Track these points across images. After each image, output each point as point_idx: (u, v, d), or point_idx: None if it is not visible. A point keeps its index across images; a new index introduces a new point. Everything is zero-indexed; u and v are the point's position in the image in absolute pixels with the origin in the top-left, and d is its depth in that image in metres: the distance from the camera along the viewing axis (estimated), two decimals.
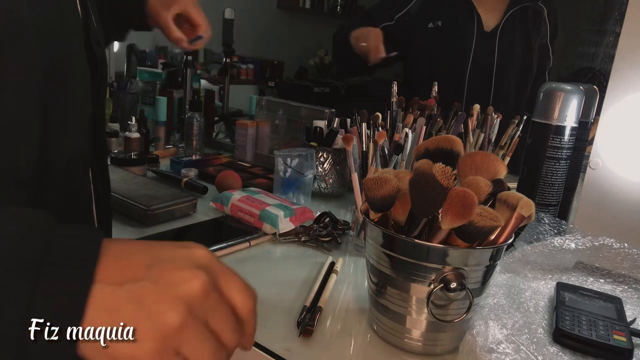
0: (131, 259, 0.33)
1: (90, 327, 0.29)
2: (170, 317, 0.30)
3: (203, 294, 0.32)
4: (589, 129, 0.83)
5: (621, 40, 0.74)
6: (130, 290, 0.31)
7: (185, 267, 0.33)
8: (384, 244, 0.52)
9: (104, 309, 0.30)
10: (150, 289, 0.31)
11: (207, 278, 0.33)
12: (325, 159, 1.02)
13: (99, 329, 0.30)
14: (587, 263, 0.73)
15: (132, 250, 0.34)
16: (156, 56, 3.03)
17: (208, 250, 0.35)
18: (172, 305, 0.31)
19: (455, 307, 0.50)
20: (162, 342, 0.30)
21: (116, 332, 0.30)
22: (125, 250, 0.33)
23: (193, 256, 0.34)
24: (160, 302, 0.31)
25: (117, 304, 0.30)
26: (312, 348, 0.53)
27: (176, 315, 0.30)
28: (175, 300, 0.31)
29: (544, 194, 0.79)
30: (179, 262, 0.33)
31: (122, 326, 0.30)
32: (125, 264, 0.32)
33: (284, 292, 0.65)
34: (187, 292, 0.31)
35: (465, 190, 0.46)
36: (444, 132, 0.89)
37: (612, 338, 0.54)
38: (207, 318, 0.32)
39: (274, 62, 4.04)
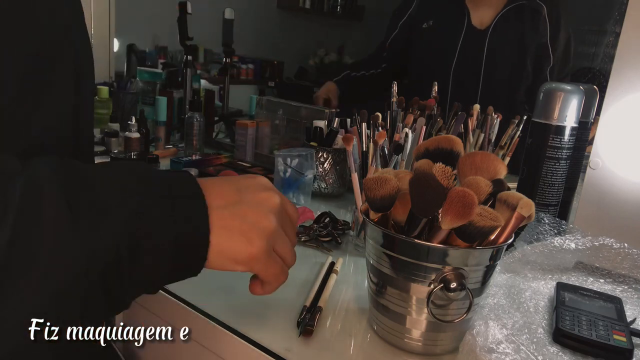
0: (222, 189, 0.42)
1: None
2: (268, 224, 0.42)
3: (280, 207, 0.44)
4: (589, 129, 0.83)
5: (621, 40, 0.74)
6: (233, 210, 0.41)
7: (263, 190, 0.44)
8: (384, 244, 0.52)
9: (219, 226, 0.39)
10: (246, 207, 0.41)
11: (278, 197, 0.44)
12: (325, 159, 1.02)
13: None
14: (587, 263, 0.73)
15: (220, 183, 0.43)
16: (156, 56, 3.03)
17: (267, 180, 0.46)
18: (266, 216, 0.42)
19: (455, 307, 0.50)
20: (267, 241, 0.41)
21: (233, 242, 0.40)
22: (214, 183, 0.42)
23: (263, 182, 0.45)
24: (257, 215, 0.42)
25: (227, 222, 0.40)
26: (312, 348, 0.53)
27: (270, 222, 0.42)
28: (267, 212, 0.42)
29: (544, 194, 0.79)
30: (257, 187, 0.44)
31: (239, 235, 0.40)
32: (219, 192, 0.41)
33: (284, 292, 0.65)
34: (272, 206, 0.43)
35: (465, 190, 0.46)
36: (444, 132, 0.89)
37: (612, 338, 0.54)
38: (283, 224, 0.44)
39: (274, 62, 4.04)
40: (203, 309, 0.59)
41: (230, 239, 0.40)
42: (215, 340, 0.57)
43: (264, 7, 4.02)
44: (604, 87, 0.77)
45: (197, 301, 0.60)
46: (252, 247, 0.41)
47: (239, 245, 0.40)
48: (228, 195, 0.41)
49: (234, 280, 0.66)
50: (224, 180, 0.43)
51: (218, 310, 0.59)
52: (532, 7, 1.48)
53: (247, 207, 0.41)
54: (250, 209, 0.41)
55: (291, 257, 0.46)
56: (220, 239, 0.39)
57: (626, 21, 0.74)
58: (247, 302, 0.61)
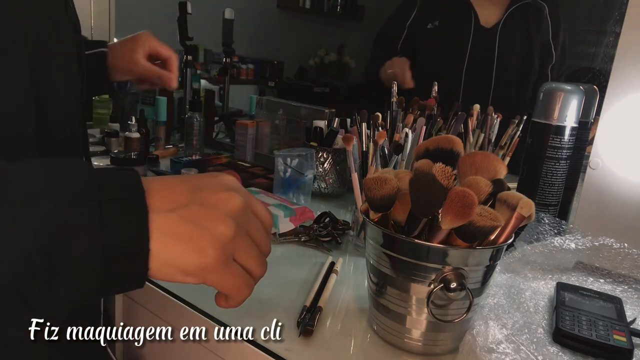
0: (174, 189, 0.37)
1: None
2: (223, 229, 0.36)
3: (243, 209, 0.38)
4: (589, 129, 0.83)
5: (621, 40, 0.74)
6: (182, 213, 0.35)
7: (223, 190, 0.38)
8: (384, 244, 0.52)
9: (163, 231, 0.34)
10: (199, 210, 0.36)
11: (242, 198, 0.38)
12: (325, 159, 1.02)
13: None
14: (587, 263, 0.73)
15: (171, 182, 0.37)
16: None
17: (234, 178, 0.40)
18: (223, 220, 0.36)
19: (455, 307, 0.50)
20: (222, 250, 0.36)
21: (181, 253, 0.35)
22: (164, 182, 0.37)
23: (224, 181, 0.39)
24: (211, 219, 0.36)
25: (175, 227, 0.35)
26: (312, 348, 0.53)
27: (228, 227, 0.36)
28: (224, 216, 0.36)
29: (544, 194, 0.79)
30: (216, 186, 0.38)
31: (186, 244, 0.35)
32: (169, 193, 0.36)
33: (284, 292, 0.65)
34: (231, 209, 0.37)
35: (465, 190, 0.46)
36: (444, 132, 0.89)
37: (612, 338, 0.54)
38: (248, 229, 0.38)
39: (274, 62, 4.04)
40: (203, 309, 0.59)
41: (177, 247, 0.35)
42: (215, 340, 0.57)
43: (264, 7, 4.02)
44: (604, 87, 0.77)
45: (197, 301, 0.60)
46: (203, 256, 0.35)
47: (188, 254, 0.35)
48: (178, 197, 0.36)
49: None
50: (176, 179, 0.38)
51: (218, 310, 0.59)
52: (536, 7, 1.50)
53: (201, 209, 0.36)
54: (204, 212, 0.36)
55: (257, 268, 0.40)
56: (165, 246, 0.34)
57: (626, 21, 0.74)
58: (247, 302, 0.61)
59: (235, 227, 0.36)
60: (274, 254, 0.76)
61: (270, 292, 0.64)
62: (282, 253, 0.77)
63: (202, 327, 0.55)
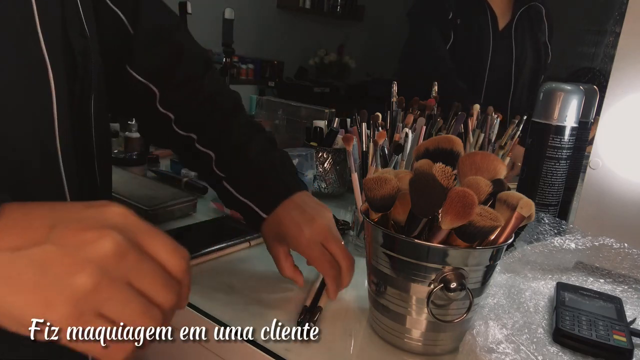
0: (32, 222, 0.30)
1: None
2: (79, 280, 0.29)
3: (117, 253, 0.30)
4: (589, 129, 0.83)
5: (621, 40, 0.74)
6: (31, 255, 0.29)
7: (93, 227, 0.30)
8: (384, 244, 0.52)
9: (3, 276, 0.28)
10: (53, 252, 0.29)
11: (119, 237, 0.30)
12: (325, 159, 1.02)
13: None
14: (587, 263, 0.73)
15: (34, 213, 0.31)
16: None
17: (124, 208, 0.33)
18: (80, 268, 0.29)
19: (455, 307, 0.50)
20: (74, 306, 0.29)
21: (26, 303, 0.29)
22: (26, 213, 0.31)
23: (103, 215, 0.32)
24: (65, 265, 0.29)
25: (17, 271, 0.29)
26: (312, 348, 0.53)
27: (85, 277, 0.29)
28: (84, 262, 0.29)
29: (544, 194, 0.79)
30: (86, 222, 0.31)
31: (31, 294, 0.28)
32: (25, 227, 0.30)
33: (284, 292, 0.65)
34: (96, 253, 0.29)
35: (465, 190, 0.46)
36: (444, 132, 0.89)
37: (612, 338, 0.54)
38: (130, 278, 0.31)
39: (274, 62, 4.05)
40: (203, 309, 0.59)
41: (17, 296, 0.28)
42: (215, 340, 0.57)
43: (264, 7, 4.02)
44: (604, 87, 0.77)
45: (197, 301, 0.60)
46: (49, 311, 0.29)
47: (30, 306, 0.28)
48: (33, 232, 0.30)
49: (234, 280, 0.66)
50: (44, 210, 0.31)
51: (218, 310, 0.59)
52: (536, 9, 1.52)
53: (56, 251, 0.29)
54: (57, 256, 0.29)
55: (141, 323, 0.31)
56: (2, 294, 0.28)
57: (626, 21, 0.74)
58: (247, 302, 0.61)
59: (97, 277, 0.29)
60: None
61: (270, 292, 0.64)
62: None
63: (202, 327, 0.55)
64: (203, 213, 0.89)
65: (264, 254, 0.76)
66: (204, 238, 0.78)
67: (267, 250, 0.65)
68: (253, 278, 0.68)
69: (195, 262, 0.69)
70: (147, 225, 0.33)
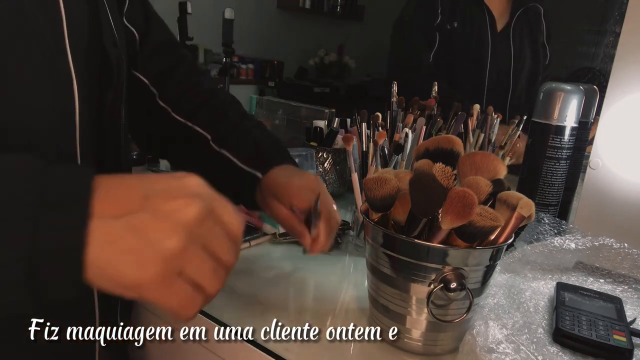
0: (126, 192, 0.34)
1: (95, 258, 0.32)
2: (170, 243, 0.33)
3: (199, 219, 0.34)
4: (589, 129, 0.83)
5: (621, 40, 0.74)
6: (129, 222, 0.33)
7: (180, 196, 0.34)
8: (384, 244, 0.52)
9: (103, 241, 0.32)
10: (148, 218, 0.33)
11: (202, 204, 0.34)
12: (325, 159, 1.02)
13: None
14: (587, 263, 0.73)
15: (126, 184, 0.35)
16: None
17: (200, 179, 0.36)
18: (171, 232, 0.33)
19: (455, 307, 0.50)
20: (163, 266, 0.33)
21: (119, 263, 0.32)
22: (119, 184, 0.34)
23: (186, 185, 0.35)
24: (159, 230, 0.33)
25: (116, 236, 0.32)
26: (312, 348, 0.53)
27: (175, 240, 0.33)
28: (174, 226, 0.33)
29: (544, 194, 0.79)
30: (174, 191, 0.35)
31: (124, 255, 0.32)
32: (121, 197, 0.34)
33: (284, 292, 0.65)
34: (184, 219, 0.33)
35: (465, 190, 0.46)
36: (444, 132, 0.89)
37: (612, 338, 0.54)
38: (205, 241, 0.35)
39: (274, 62, 4.05)
40: (203, 309, 0.59)
41: (116, 258, 0.32)
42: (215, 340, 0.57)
43: (264, 7, 4.02)
44: (604, 87, 0.77)
45: None
46: (142, 271, 0.32)
47: (126, 267, 0.32)
48: (129, 202, 0.33)
49: (233, 280, 0.66)
50: (134, 181, 0.35)
51: (218, 310, 0.59)
52: (534, 10, 1.51)
53: (150, 219, 0.33)
54: (152, 222, 0.33)
55: (211, 284, 0.36)
56: (103, 256, 0.32)
57: (626, 21, 0.74)
58: (247, 302, 0.61)
59: (185, 240, 0.33)
60: (274, 254, 0.77)
61: (270, 292, 0.64)
62: (282, 253, 0.77)
63: (202, 327, 0.55)
64: None
65: (264, 254, 0.77)
66: None
67: (267, 249, 0.65)
68: (253, 278, 0.68)
69: None
70: (217, 194, 0.37)
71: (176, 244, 0.33)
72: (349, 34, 4.51)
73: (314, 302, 0.63)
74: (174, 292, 0.34)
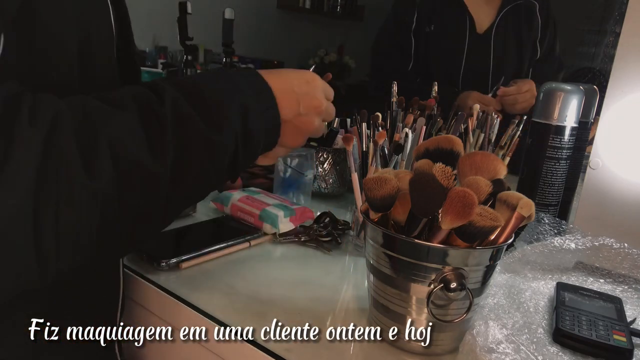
0: (288, 99, 0.52)
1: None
2: (315, 128, 0.56)
3: (325, 104, 0.56)
4: (589, 129, 0.83)
5: (621, 40, 0.74)
6: (294, 121, 0.53)
7: (316, 96, 0.55)
8: (384, 244, 0.52)
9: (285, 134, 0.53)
10: (303, 118, 0.54)
11: (325, 99, 0.57)
12: (325, 159, 1.02)
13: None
14: (587, 263, 0.73)
15: (278, 72, 0.53)
16: (156, 56, 3.04)
17: (314, 75, 0.58)
18: (316, 123, 0.56)
19: (455, 307, 0.50)
20: (318, 114, 0.56)
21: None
22: (274, 72, 0.52)
23: (317, 86, 0.56)
24: (309, 124, 0.55)
25: (289, 128, 0.53)
26: (312, 348, 0.53)
27: (318, 126, 0.57)
28: (316, 118, 0.56)
29: (544, 194, 0.79)
30: (312, 93, 0.55)
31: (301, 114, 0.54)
32: (286, 103, 0.52)
33: (284, 292, 0.65)
34: (319, 110, 0.56)
35: (465, 190, 0.46)
36: (444, 132, 0.89)
37: (612, 338, 0.54)
38: (325, 116, 0.58)
39: (274, 62, 4.04)
40: (203, 309, 0.59)
41: (290, 141, 0.54)
42: (215, 340, 0.57)
43: (264, 7, 4.02)
44: (604, 87, 0.77)
45: (197, 301, 0.60)
46: (298, 143, 0.56)
47: (295, 143, 0.56)
48: (292, 107, 0.53)
49: (234, 280, 0.66)
50: (282, 71, 0.54)
51: (218, 310, 0.59)
52: (527, 6, 1.49)
53: (305, 117, 0.54)
54: (305, 121, 0.54)
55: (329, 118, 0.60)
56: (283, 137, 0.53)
57: (626, 21, 0.74)
58: (247, 302, 0.61)
59: (319, 122, 0.57)
60: (274, 254, 0.77)
61: (270, 292, 0.64)
62: (282, 253, 0.77)
63: (202, 327, 0.56)
64: (203, 213, 0.89)
65: (264, 254, 0.77)
66: (204, 238, 0.78)
67: (267, 249, 0.65)
68: (253, 278, 0.68)
69: (195, 262, 0.69)
70: (325, 85, 0.59)
71: (318, 127, 0.56)
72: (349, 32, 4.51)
73: (314, 302, 0.63)
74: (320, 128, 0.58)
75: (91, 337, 0.52)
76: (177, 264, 0.67)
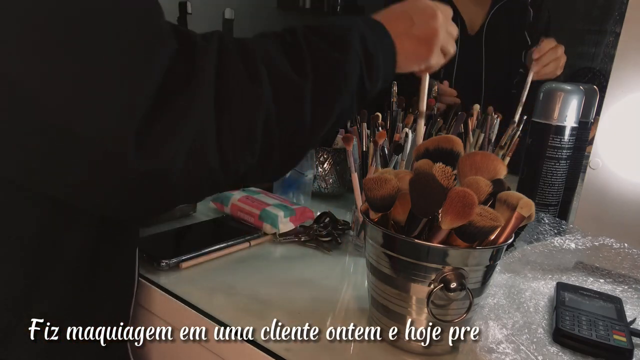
0: (399, 18, 0.58)
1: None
2: (434, 58, 0.60)
3: (443, 24, 0.60)
4: (589, 129, 0.83)
5: (621, 40, 0.74)
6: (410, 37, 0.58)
7: (432, 15, 0.59)
8: (384, 244, 0.52)
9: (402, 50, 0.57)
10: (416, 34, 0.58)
11: (441, 15, 0.59)
12: (325, 159, 1.02)
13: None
14: (587, 263, 0.73)
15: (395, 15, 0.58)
16: None
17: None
18: (432, 52, 0.60)
19: (455, 307, 0.50)
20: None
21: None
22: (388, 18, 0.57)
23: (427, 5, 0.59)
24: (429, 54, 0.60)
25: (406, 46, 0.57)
26: (312, 348, 0.53)
27: (436, 55, 0.61)
28: (434, 48, 0.59)
29: (544, 194, 0.79)
30: (425, 11, 0.59)
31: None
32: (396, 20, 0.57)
33: (284, 292, 0.65)
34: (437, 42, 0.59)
35: (465, 190, 0.46)
36: (444, 132, 0.89)
37: (612, 338, 0.54)
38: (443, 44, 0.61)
39: None
40: (203, 309, 0.59)
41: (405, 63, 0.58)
42: (215, 340, 0.57)
43: (264, 7, 4.02)
44: (604, 87, 0.77)
45: (197, 301, 0.60)
46: (426, 54, 0.60)
47: (410, 65, 0.60)
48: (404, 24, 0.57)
49: (234, 280, 0.66)
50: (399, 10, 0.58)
51: (218, 310, 0.59)
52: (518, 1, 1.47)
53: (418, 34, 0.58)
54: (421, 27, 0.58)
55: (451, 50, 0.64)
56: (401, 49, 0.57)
57: (626, 21, 0.74)
58: (247, 302, 0.61)
59: (436, 53, 0.60)
60: (274, 254, 0.77)
61: (270, 292, 0.64)
62: (282, 253, 0.77)
63: (202, 327, 0.56)
64: (203, 213, 0.89)
65: (264, 254, 0.77)
66: (204, 238, 0.78)
67: (267, 249, 0.65)
68: (253, 278, 0.68)
69: (195, 262, 0.69)
70: (441, 4, 0.61)
71: (435, 57, 0.60)
72: None
73: (314, 302, 0.63)
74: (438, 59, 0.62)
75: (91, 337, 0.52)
76: (177, 264, 0.67)
